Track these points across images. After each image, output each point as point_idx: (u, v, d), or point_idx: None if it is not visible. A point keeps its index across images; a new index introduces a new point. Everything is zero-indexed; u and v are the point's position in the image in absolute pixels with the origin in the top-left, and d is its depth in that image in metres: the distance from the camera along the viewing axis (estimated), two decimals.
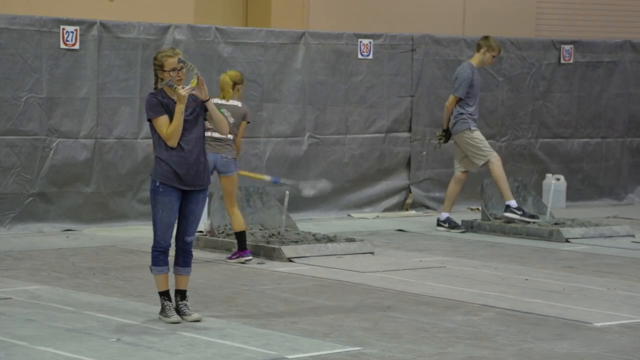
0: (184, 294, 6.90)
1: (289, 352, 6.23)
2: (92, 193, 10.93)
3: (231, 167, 9.12)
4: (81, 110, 10.87)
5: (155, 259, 6.87)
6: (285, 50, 11.95)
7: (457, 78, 11.19)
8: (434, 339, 6.63)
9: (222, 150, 9.08)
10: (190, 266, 6.92)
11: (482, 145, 11.15)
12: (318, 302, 7.67)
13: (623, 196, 14.04)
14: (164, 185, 6.74)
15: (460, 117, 11.17)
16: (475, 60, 11.31)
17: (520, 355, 6.30)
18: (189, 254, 6.89)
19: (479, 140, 11.15)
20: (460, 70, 11.23)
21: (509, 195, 11.09)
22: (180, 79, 6.75)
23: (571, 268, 9.30)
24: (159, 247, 6.85)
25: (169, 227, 6.81)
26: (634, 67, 14.04)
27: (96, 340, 6.37)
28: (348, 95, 12.37)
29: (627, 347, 6.56)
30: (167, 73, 6.74)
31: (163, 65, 6.76)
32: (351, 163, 12.39)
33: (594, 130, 13.89)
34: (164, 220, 6.77)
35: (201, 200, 6.85)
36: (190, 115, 6.75)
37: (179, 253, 6.89)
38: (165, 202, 6.74)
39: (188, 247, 6.88)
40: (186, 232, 6.85)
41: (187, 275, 6.91)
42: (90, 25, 10.89)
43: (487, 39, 11.33)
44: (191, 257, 6.92)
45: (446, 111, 11.28)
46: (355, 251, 9.60)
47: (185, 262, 6.89)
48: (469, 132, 11.15)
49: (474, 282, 8.52)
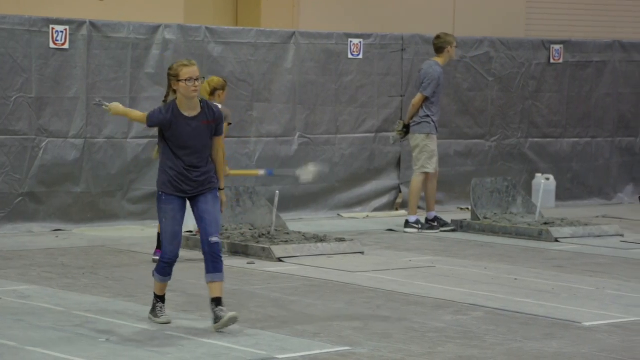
0: (220, 301, 6.56)
1: (279, 352, 6.23)
2: (82, 193, 10.92)
3: None
4: (71, 110, 10.85)
5: (161, 268, 6.71)
6: (276, 50, 11.95)
7: (426, 76, 11.11)
8: (423, 338, 6.64)
9: None
10: (221, 271, 6.54)
11: (430, 155, 11.12)
12: (308, 301, 7.68)
13: (612, 196, 14.08)
14: (166, 194, 6.60)
15: (426, 120, 11.15)
16: (442, 60, 11.27)
17: (510, 355, 6.31)
18: (218, 257, 6.53)
19: (430, 149, 11.13)
20: (428, 69, 11.14)
21: (414, 211, 11.12)
22: (196, 89, 6.52)
23: (560, 268, 9.32)
24: (165, 258, 6.66)
25: (175, 237, 6.61)
26: (623, 67, 14.08)
27: (85, 341, 6.36)
28: (338, 95, 12.38)
29: (616, 346, 6.57)
30: (183, 83, 6.50)
31: (178, 75, 6.51)
32: (341, 163, 12.40)
33: (583, 130, 13.93)
34: (168, 229, 6.59)
35: (210, 199, 6.59)
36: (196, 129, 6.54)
37: (207, 258, 6.55)
38: (167, 210, 6.58)
39: (215, 249, 6.52)
40: (207, 232, 6.53)
41: (220, 281, 6.56)
42: (80, 25, 10.87)
43: (441, 37, 11.26)
44: (221, 262, 6.54)
45: (412, 109, 11.18)
46: (345, 251, 9.60)
47: (215, 267, 6.53)
48: (427, 138, 11.13)
49: (464, 281, 8.54)
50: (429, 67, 11.22)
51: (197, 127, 6.56)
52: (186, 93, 6.54)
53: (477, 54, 13.16)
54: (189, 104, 6.58)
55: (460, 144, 13.15)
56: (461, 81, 13.10)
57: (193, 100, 6.57)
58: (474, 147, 13.23)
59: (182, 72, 6.53)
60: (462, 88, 13.12)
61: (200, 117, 6.58)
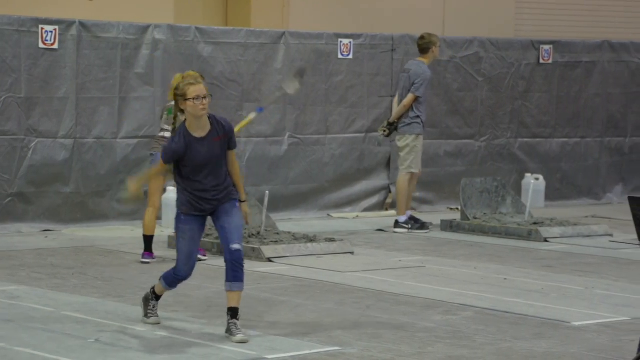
0: (236, 312, 6.40)
1: (269, 352, 6.23)
2: (71, 193, 10.90)
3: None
4: (60, 110, 10.83)
5: (170, 281, 6.65)
6: (266, 50, 11.95)
7: (417, 77, 11.13)
8: (413, 338, 6.64)
9: None
10: (242, 281, 6.38)
11: (417, 156, 11.19)
12: (298, 302, 7.68)
13: (601, 196, 14.11)
14: (184, 215, 6.48)
15: (416, 120, 11.19)
16: (427, 60, 11.29)
17: (499, 355, 6.32)
18: (239, 266, 6.35)
19: (417, 150, 11.19)
20: (418, 70, 11.17)
21: (402, 211, 11.15)
22: (205, 107, 6.36)
23: (550, 267, 9.33)
24: (178, 275, 6.59)
25: (190, 258, 6.51)
26: (612, 67, 14.11)
27: (75, 341, 6.35)
28: (328, 95, 12.38)
29: (605, 346, 6.59)
30: (191, 101, 6.32)
31: (185, 94, 6.33)
32: (331, 163, 12.40)
33: (572, 130, 13.96)
34: (185, 249, 6.49)
35: (229, 207, 6.45)
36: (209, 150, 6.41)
37: (228, 266, 6.37)
38: (186, 230, 6.47)
39: (237, 257, 6.34)
40: (229, 240, 6.37)
41: (239, 291, 6.38)
42: (70, 25, 10.85)
43: (425, 37, 11.30)
44: (242, 272, 6.37)
45: (403, 109, 11.17)
46: (335, 251, 9.60)
47: (235, 277, 6.35)
48: (417, 138, 11.18)
49: (453, 281, 8.55)
50: (418, 68, 11.23)
51: (210, 146, 6.41)
52: (194, 112, 6.36)
53: (466, 54, 13.18)
54: (198, 124, 6.41)
55: (450, 144, 13.17)
56: (451, 81, 13.11)
57: (202, 119, 6.39)
58: (464, 147, 13.25)
59: (189, 91, 6.34)
60: (451, 88, 13.13)
61: (211, 135, 6.42)
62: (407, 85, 11.23)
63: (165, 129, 9.12)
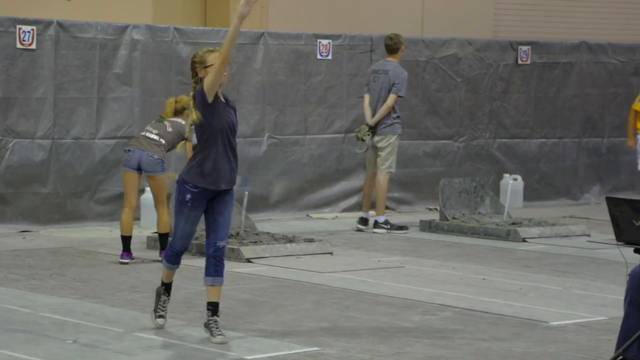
0: (216, 308, 6.43)
1: (248, 352, 6.23)
2: (49, 194, 10.85)
3: (157, 167, 8.96)
4: (38, 110, 10.78)
5: (169, 257, 6.59)
6: (245, 50, 11.94)
7: (397, 77, 11.17)
8: (392, 338, 6.65)
9: (150, 149, 8.94)
10: (222, 276, 6.41)
11: (396, 156, 11.34)
12: (277, 302, 7.67)
13: (579, 196, 14.18)
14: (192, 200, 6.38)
15: (397, 121, 11.28)
16: (397, 59, 11.36)
17: (478, 355, 6.34)
18: (221, 261, 6.40)
19: (396, 150, 11.33)
20: (398, 70, 11.24)
21: (382, 211, 11.21)
22: (225, 74, 6.38)
23: (528, 267, 9.37)
24: (175, 249, 6.54)
25: (190, 235, 6.52)
26: (590, 68, 14.18)
27: (53, 342, 6.32)
28: (307, 95, 12.38)
29: (583, 345, 6.62)
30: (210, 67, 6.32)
31: (205, 62, 6.36)
32: (310, 163, 12.40)
33: (550, 131, 14.02)
34: (186, 230, 6.48)
35: (228, 200, 6.46)
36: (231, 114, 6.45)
37: (209, 261, 6.39)
38: (190, 215, 6.42)
39: (220, 254, 6.39)
40: (217, 236, 6.38)
41: (219, 285, 6.42)
42: (47, 25, 10.80)
43: (394, 37, 11.38)
44: (223, 266, 6.41)
45: (386, 109, 11.19)
46: (314, 251, 9.61)
47: (217, 271, 6.38)
48: (397, 138, 11.29)
49: (432, 281, 8.56)
50: (396, 68, 11.27)
51: (230, 112, 6.47)
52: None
53: (445, 54, 13.21)
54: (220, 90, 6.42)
55: (429, 145, 13.19)
56: (429, 82, 13.14)
57: (220, 87, 6.42)
58: (443, 148, 13.28)
59: (209, 58, 6.38)
60: (430, 89, 13.16)
61: (227, 104, 6.49)
62: (386, 86, 11.24)
63: (149, 130, 9.12)
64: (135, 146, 9.00)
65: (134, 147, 8.99)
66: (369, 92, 11.38)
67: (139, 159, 8.92)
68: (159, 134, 9.02)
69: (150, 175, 8.98)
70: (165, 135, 9.01)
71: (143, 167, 8.95)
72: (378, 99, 11.28)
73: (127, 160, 9.00)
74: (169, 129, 9.03)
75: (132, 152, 8.97)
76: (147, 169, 8.95)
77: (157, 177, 8.97)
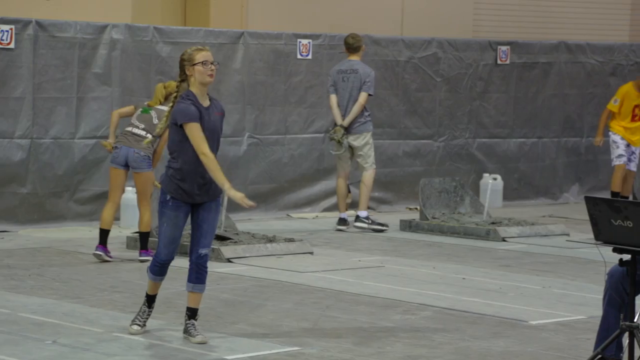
0: (194, 313, 6.41)
1: (228, 352, 6.22)
2: (28, 194, 10.80)
3: (143, 164, 8.97)
4: (16, 110, 10.73)
5: (153, 267, 6.48)
6: (224, 50, 11.92)
7: (367, 76, 11.23)
8: (372, 338, 6.66)
9: (137, 145, 8.96)
10: (204, 283, 6.37)
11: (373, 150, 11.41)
12: (257, 302, 7.67)
13: (558, 195, 14.24)
14: (173, 200, 6.32)
15: (369, 118, 11.35)
16: (359, 58, 11.43)
17: (458, 354, 6.35)
18: (204, 269, 6.35)
19: (372, 144, 11.37)
20: (366, 69, 11.32)
21: (365, 206, 11.27)
22: (212, 73, 6.23)
23: (508, 267, 9.40)
24: (159, 259, 6.43)
25: (173, 242, 6.40)
26: (569, 68, 14.25)
27: (32, 343, 6.29)
28: (287, 95, 12.38)
29: (562, 344, 6.65)
30: (200, 66, 6.20)
31: (193, 59, 6.21)
32: (290, 163, 12.40)
33: (530, 131, 14.07)
34: (168, 234, 6.36)
35: (214, 207, 6.37)
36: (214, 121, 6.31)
37: (192, 268, 6.34)
38: (172, 216, 6.33)
39: (203, 262, 6.34)
40: (200, 243, 6.32)
41: (200, 292, 6.39)
42: (26, 24, 10.75)
43: (355, 36, 11.45)
44: (206, 273, 6.38)
45: (360, 108, 11.23)
46: (294, 251, 9.60)
47: (198, 279, 6.35)
48: (370, 135, 11.35)
49: (413, 281, 8.58)
50: (364, 67, 11.38)
51: (214, 118, 6.32)
52: (201, 78, 6.25)
53: (425, 54, 13.24)
54: (202, 92, 6.30)
55: (409, 144, 13.22)
56: (409, 82, 13.17)
57: (206, 88, 6.30)
58: (423, 148, 13.31)
59: (197, 56, 6.25)
60: (410, 89, 13.18)
61: (212, 109, 6.34)
62: (357, 85, 11.31)
63: (135, 125, 9.09)
64: (122, 143, 9.02)
65: (121, 144, 9.01)
66: (336, 92, 11.38)
67: (125, 156, 8.95)
68: (146, 128, 9.03)
69: (136, 171, 9.00)
70: (151, 129, 9.00)
71: (130, 164, 9.00)
72: (349, 99, 11.30)
73: (115, 157, 9.04)
74: (155, 121, 9.03)
75: (120, 149, 8.99)
76: (133, 165, 8.99)
77: (142, 173, 9.00)
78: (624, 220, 5.32)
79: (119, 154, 8.98)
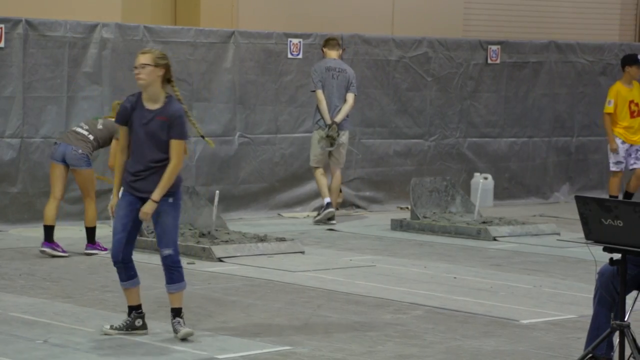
0: (178, 312, 6.42)
1: (219, 352, 6.22)
2: (19, 193, 10.78)
3: (81, 162, 9.13)
4: (6, 109, 10.71)
5: (118, 273, 6.48)
6: (215, 49, 11.91)
7: (354, 77, 11.54)
8: (363, 337, 6.66)
9: (76, 143, 9.15)
10: (177, 282, 6.38)
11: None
12: (248, 301, 7.67)
13: (549, 195, 14.27)
14: (122, 196, 6.40)
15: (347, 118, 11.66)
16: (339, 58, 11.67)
17: (449, 353, 6.36)
18: (172, 269, 6.36)
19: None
20: (351, 70, 11.62)
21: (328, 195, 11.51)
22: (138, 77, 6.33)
23: (498, 266, 9.42)
24: (112, 257, 6.42)
25: (119, 241, 6.35)
26: (559, 67, 14.27)
27: (23, 343, 6.28)
28: (278, 94, 12.37)
29: (553, 343, 6.66)
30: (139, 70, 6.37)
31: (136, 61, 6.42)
32: (282, 162, 12.39)
33: (520, 130, 14.09)
34: (114, 227, 6.40)
35: (162, 208, 6.32)
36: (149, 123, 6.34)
37: (164, 269, 6.42)
38: (120, 204, 6.37)
39: (170, 262, 6.35)
40: (160, 244, 6.37)
41: (175, 292, 6.39)
42: (16, 23, 10.73)
43: (335, 37, 11.72)
44: (176, 273, 6.36)
45: (350, 108, 11.57)
46: (285, 251, 9.60)
47: (171, 279, 6.37)
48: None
49: (404, 280, 8.59)
50: (350, 70, 11.63)
51: (152, 122, 6.35)
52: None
53: (415, 54, 13.25)
54: (146, 95, 6.40)
55: (400, 144, 13.23)
56: (400, 81, 13.17)
57: (149, 90, 6.36)
58: (413, 147, 13.32)
59: (140, 58, 6.40)
60: (401, 88, 13.19)
61: (158, 113, 6.37)
62: (345, 84, 11.51)
63: (80, 125, 9.37)
64: (62, 140, 9.28)
65: (60, 141, 9.26)
66: (324, 88, 11.47)
67: (63, 153, 9.16)
68: (89, 129, 9.29)
69: (74, 169, 9.21)
70: (94, 131, 9.26)
71: (68, 161, 9.20)
72: (339, 96, 11.47)
73: (53, 153, 9.29)
74: (100, 127, 9.29)
75: (58, 146, 9.23)
76: (71, 162, 9.18)
77: (81, 171, 9.18)
78: (614, 220, 5.33)
79: (57, 150, 9.23)
